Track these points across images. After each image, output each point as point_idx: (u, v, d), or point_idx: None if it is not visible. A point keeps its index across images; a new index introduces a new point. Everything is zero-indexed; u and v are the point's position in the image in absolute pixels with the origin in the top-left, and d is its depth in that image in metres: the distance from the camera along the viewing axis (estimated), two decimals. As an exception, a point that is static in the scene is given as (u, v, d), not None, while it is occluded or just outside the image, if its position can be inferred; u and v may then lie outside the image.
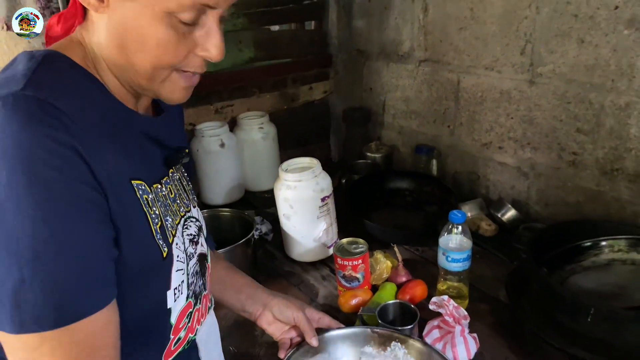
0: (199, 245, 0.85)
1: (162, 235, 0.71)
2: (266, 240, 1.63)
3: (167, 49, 0.64)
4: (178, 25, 0.63)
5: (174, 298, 0.74)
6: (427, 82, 1.87)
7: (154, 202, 0.71)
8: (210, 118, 1.92)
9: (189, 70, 0.68)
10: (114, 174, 0.62)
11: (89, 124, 0.60)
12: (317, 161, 1.49)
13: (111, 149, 0.63)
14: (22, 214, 0.53)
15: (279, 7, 2.03)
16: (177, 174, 0.83)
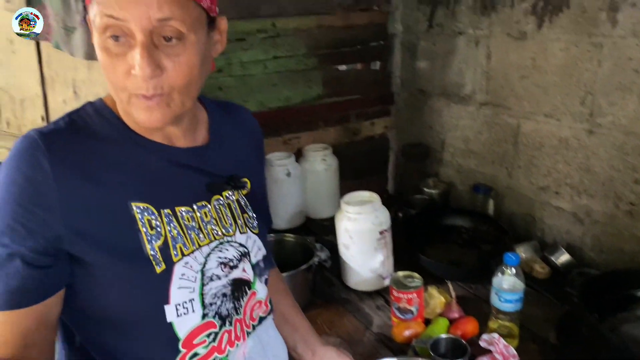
0: (236, 269, 0.89)
1: (163, 254, 0.78)
2: (325, 266, 1.72)
3: (108, 69, 0.73)
4: (111, 47, 0.71)
5: (177, 313, 0.80)
6: (487, 124, 1.94)
7: (161, 223, 0.79)
8: (279, 148, 2.06)
9: (137, 93, 0.73)
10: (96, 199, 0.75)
11: (74, 161, 0.74)
12: (377, 196, 1.59)
13: (102, 178, 0.75)
14: None
15: (347, 48, 2.16)
16: (229, 200, 0.91)
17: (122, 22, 0.69)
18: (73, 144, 0.76)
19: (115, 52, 0.71)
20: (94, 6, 0.70)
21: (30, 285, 0.72)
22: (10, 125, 1.88)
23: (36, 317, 0.73)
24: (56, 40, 1.46)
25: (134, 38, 0.70)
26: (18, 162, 0.72)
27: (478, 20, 1.89)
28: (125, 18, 0.68)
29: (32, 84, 1.72)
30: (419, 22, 2.16)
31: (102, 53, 0.72)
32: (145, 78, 0.70)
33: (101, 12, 0.69)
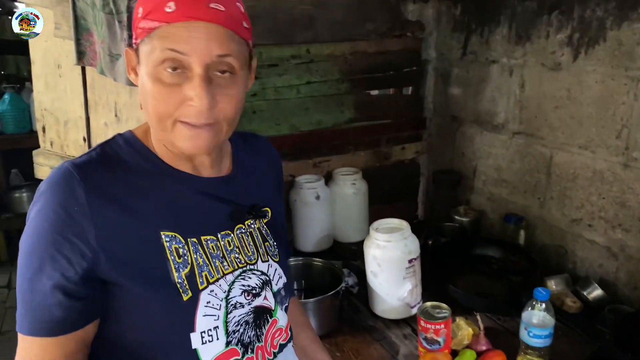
0: (259, 297, 0.90)
1: (189, 282, 0.81)
2: (352, 292, 1.73)
3: (158, 100, 0.77)
4: (166, 78, 0.76)
5: (202, 341, 0.82)
6: (519, 154, 1.93)
7: (187, 251, 0.82)
8: (309, 171, 2.08)
9: (187, 121, 0.77)
10: (127, 229, 0.78)
11: (108, 190, 0.78)
12: (407, 224, 1.59)
13: (134, 207, 0.79)
14: (24, 247, 0.77)
15: (380, 74, 2.19)
16: (250, 228, 0.94)
17: (184, 55, 0.74)
18: (106, 174, 0.80)
19: (169, 82, 0.76)
20: (153, 41, 0.76)
21: (72, 314, 0.76)
22: (53, 144, 1.96)
23: (77, 340, 0.78)
24: (101, 66, 1.53)
25: (191, 71, 0.75)
26: (54, 192, 0.76)
27: (512, 49, 1.89)
28: (188, 52, 0.74)
29: (76, 106, 1.80)
30: (453, 50, 2.17)
31: (154, 83, 0.77)
32: (202, 109, 0.76)
33: (162, 45, 0.74)
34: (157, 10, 0.75)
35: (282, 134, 2.00)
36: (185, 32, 0.74)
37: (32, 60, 1.87)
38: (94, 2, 1.44)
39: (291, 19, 1.92)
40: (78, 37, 1.56)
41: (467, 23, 2.09)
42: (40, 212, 0.77)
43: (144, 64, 0.78)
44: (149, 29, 0.76)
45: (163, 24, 0.74)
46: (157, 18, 0.75)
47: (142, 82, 0.80)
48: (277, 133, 1.98)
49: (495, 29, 1.96)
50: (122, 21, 1.43)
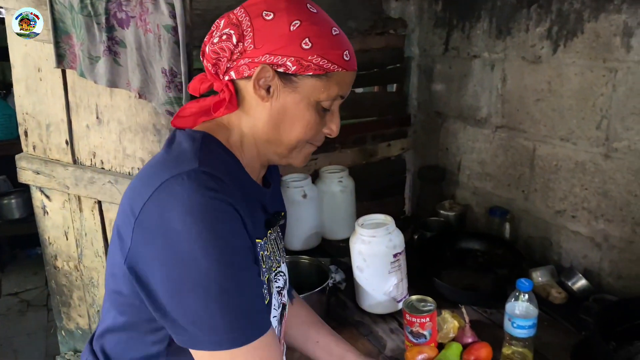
0: (282, 296, 1.00)
1: (267, 285, 0.88)
2: (339, 288, 1.73)
3: (312, 128, 0.86)
4: (320, 110, 0.86)
5: None
6: (502, 147, 1.94)
7: (261, 256, 0.88)
8: (296, 170, 2.08)
9: (316, 143, 0.91)
10: (249, 232, 0.80)
11: (236, 192, 0.78)
12: (391, 219, 1.59)
13: (247, 212, 0.80)
14: (209, 259, 0.71)
15: (364, 71, 2.19)
16: (273, 234, 0.99)
17: (342, 98, 0.89)
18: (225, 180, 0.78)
19: (322, 114, 0.87)
20: (330, 82, 0.84)
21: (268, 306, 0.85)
22: (36, 148, 1.95)
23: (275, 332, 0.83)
24: (81, 69, 1.53)
25: (332, 107, 0.88)
26: (209, 191, 0.74)
27: (493, 44, 1.91)
28: (345, 95, 0.89)
29: (57, 109, 1.80)
30: (435, 46, 2.19)
31: (312, 113, 0.86)
32: (334, 136, 0.92)
33: (339, 91, 0.86)
34: (336, 54, 0.83)
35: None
36: (349, 79, 0.87)
37: (12, 64, 1.86)
38: (72, 5, 1.44)
39: (273, 18, 1.92)
40: (57, 40, 1.55)
41: (448, 19, 2.11)
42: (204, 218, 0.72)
43: (302, 93, 0.84)
44: (327, 69, 0.82)
45: (342, 70, 0.84)
46: (338, 62, 0.83)
47: (288, 107, 0.84)
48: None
49: (476, 23, 1.98)
50: (101, 23, 1.43)
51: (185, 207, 0.72)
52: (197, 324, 0.73)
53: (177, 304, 0.74)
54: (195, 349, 0.75)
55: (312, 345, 1.16)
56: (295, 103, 0.84)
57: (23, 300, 3.48)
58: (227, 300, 0.73)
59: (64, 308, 2.28)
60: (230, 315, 0.73)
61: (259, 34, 0.81)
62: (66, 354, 2.37)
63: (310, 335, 1.17)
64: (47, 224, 2.09)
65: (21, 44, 1.79)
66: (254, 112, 0.86)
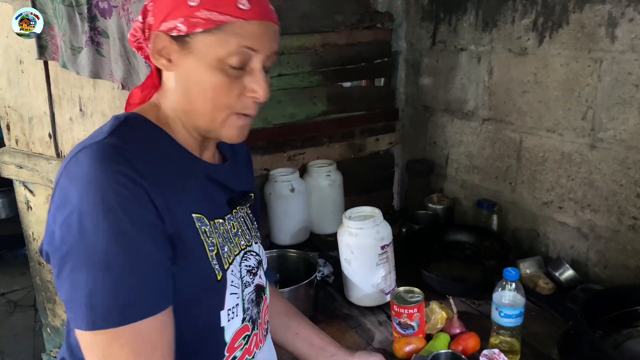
0: (256, 277, 0.96)
1: (218, 261, 0.84)
2: (328, 282, 1.72)
3: (221, 91, 0.79)
4: (228, 70, 0.78)
5: (228, 318, 0.86)
6: (490, 140, 1.94)
7: (212, 233, 0.85)
8: (283, 164, 2.08)
9: (244, 112, 0.82)
10: (173, 207, 0.77)
11: (152, 166, 0.75)
12: (379, 211, 1.59)
13: (173, 186, 0.79)
14: (98, 232, 0.68)
15: (352, 65, 2.19)
16: (241, 213, 0.98)
17: (255, 52, 0.79)
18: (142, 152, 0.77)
19: (232, 74, 0.79)
20: (225, 34, 0.77)
21: (165, 286, 0.75)
22: (19, 142, 1.92)
23: (171, 317, 0.76)
24: (63, 60, 1.50)
25: (251, 64, 0.80)
26: (112, 166, 0.71)
27: (480, 36, 1.91)
28: (259, 49, 0.79)
29: (40, 102, 1.77)
30: (422, 39, 2.18)
31: (215, 74, 0.78)
32: (263, 100, 0.81)
33: (238, 42, 0.77)
34: (228, 5, 0.77)
35: (255, 127, 1.98)
36: (261, 31, 0.79)
37: (-7, 57, 1.84)
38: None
39: (259, 11, 1.91)
40: (39, 31, 1.53)
41: (435, 12, 2.11)
42: (104, 191, 0.70)
43: (198, 54, 0.79)
44: (219, 21, 0.77)
45: (238, 20, 0.77)
46: (230, 13, 0.77)
47: (190, 73, 0.80)
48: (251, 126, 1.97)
49: (462, 16, 1.98)
50: (83, 13, 1.41)
51: (84, 179, 0.70)
52: (77, 300, 0.69)
53: (64, 278, 0.70)
54: (77, 328, 0.70)
55: (292, 337, 1.15)
56: (195, 66, 0.79)
57: (10, 300, 3.45)
58: (111, 276, 0.68)
59: (49, 304, 2.25)
60: (113, 293, 0.68)
61: (156, 5, 0.80)
62: (52, 351, 2.34)
63: (291, 326, 1.16)
64: (31, 219, 2.06)
65: (2, 35, 1.76)
66: (168, 85, 0.84)
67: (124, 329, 0.69)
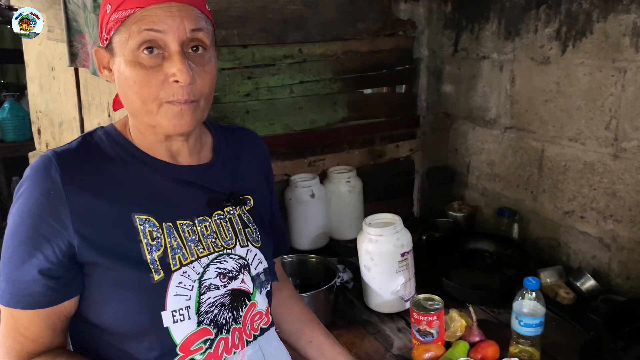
0: (235, 280, 0.93)
1: (162, 263, 0.85)
2: (347, 288, 1.74)
3: (142, 83, 0.81)
4: (145, 60, 0.80)
5: (173, 320, 0.85)
6: (511, 148, 1.94)
7: (161, 234, 0.87)
8: (304, 170, 2.09)
9: (172, 99, 0.82)
10: (103, 211, 0.83)
11: (84, 177, 0.83)
12: (399, 218, 1.60)
13: (108, 193, 0.84)
14: (8, 227, 0.83)
15: (373, 72, 2.20)
16: (227, 214, 0.97)
17: (161, 33, 0.79)
18: (83, 162, 0.85)
19: (149, 64, 0.80)
20: (128, 26, 0.80)
21: (49, 291, 0.81)
22: (49, 146, 1.98)
23: (56, 313, 0.84)
24: (93, 67, 1.55)
25: (168, 49, 0.80)
26: (35, 177, 0.82)
27: (502, 45, 1.91)
28: (165, 30, 0.79)
29: (70, 107, 1.82)
30: (444, 47, 2.19)
31: (134, 68, 0.81)
32: (185, 82, 0.80)
33: (139, 28, 0.79)
34: (129, 1, 0.80)
35: (276, 133, 2.02)
36: (160, 12, 0.79)
37: (26, 63, 1.89)
38: (85, 4, 1.46)
39: (282, 19, 1.94)
40: (70, 39, 1.58)
41: (457, 20, 2.11)
42: (23, 195, 0.82)
43: (119, 54, 0.83)
44: (122, 18, 0.81)
45: (137, 10, 0.79)
46: (130, 6, 0.80)
47: (119, 73, 0.84)
48: (271, 133, 2.00)
49: (484, 25, 1.98)
50: (113, 22, 1.45)
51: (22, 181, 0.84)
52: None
53: None
54: None
55: (305, 344, 1.13)
56: (119, 67, 0.83)
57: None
58: (5, 264, 0.81)
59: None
60: (4, 277, 0.81)
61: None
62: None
63: (304, 333, 1.14)
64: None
65: (35, 43, 1.82)
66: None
67: (5, 309, 0.83)
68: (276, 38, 1.95)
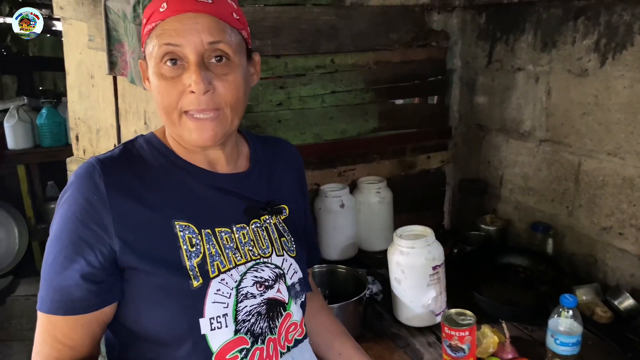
0: (271, 290, 0.93)
1: (200, 269, 0.86)
2: (376, 300, 1.72)
3: (164, 94, 0.84)
4: (166, 72, 0.83)
5: (211, 327, 0.85)
6: (546, 162, 1.90)
7: (201, 241, 0.87)
8: (334, 180, 2.09)
9: (189, 109, 0.84)
10: (144, 218, 0.84)
11: (126, 184, 0.85)
12: (431, 230, 1.58)
13: (150, 199, 0.85)
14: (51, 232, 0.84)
15: (405, 83, 2.19)
16: (263, 223, 0.97)
17: (179, 47, 0.82)
18: (125, 169, 0.87)
19: (170, 75, 0.83)
20: (152, 40, 0.84)
21: (90, 296, 0.82)
22: (86, 152, 2.02)
23: (95, 319, 0.85)
24: (131, 76, 1.58)
25: (187, 61, 0.82)
26: (79, 184, 0.84)
27: (538, 56, 1.88)
28: (182, 43, 0.81)
29: (107, 115, 1.86)
30: (478, 58, 2.17)
31: (158, 79, 0.84)
32: (200, 92, 0.81)
33: (160, 42, 0.82)
34: (155, 12, 0.84)
35: (307, 143, 2.02)
36: (177, 25, 0.82)
37: (67, 71, 1.94)
38: (125, 14, 1.50)
39: (315, 29, 1.95)
40: (110, 48, 1.62)
41: (492, 31, 2.09)
42: (67, 200, 0.84)
43: (150, 65, 0.86)
44: (148, 31, 0.85)
45: (158, 22, 0.83)
46: (154, 19, 0.84)
47: (152, 84, 0.87)
48: (302, 142, 2.00)
49: (520, 36, 1.95)
50: (152, 32, 1.48)
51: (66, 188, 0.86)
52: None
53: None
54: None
55: (334, 356, 1.13)
56: (151, 78, 0.86)
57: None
58: (46, 270, 0.83)
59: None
60: (45, 284, 0.83)
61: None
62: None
63: (334, 345, 1.14)
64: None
65: (76, 51, 1.87)
66: None
67: (42, 315, 0.83)
68: (309, 48, 1.96)
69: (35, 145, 3.74)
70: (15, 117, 3.60)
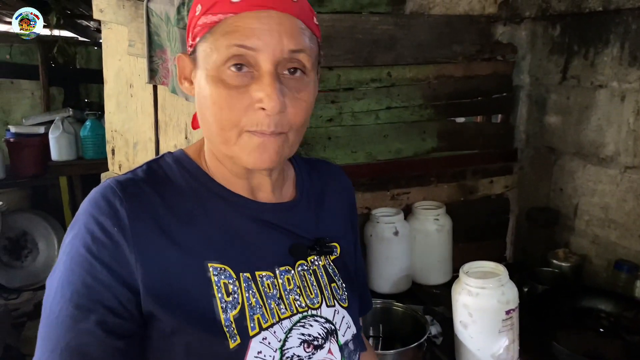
0: (321, 350, 0.76)
1: (238, 325, 0.68)
2: (435, 343, 1.52)
3: (223, 105, 0.66)
4: (230, 79, 0.66)
5: None
6: (633, 191, 1.67)
7: (239, 288, 0.70)
8: (386, 204, 1.92)
9: (255, 130, 0.67)
10: (172, 257, 0.67)
11: (151, 213, 0.68)
12: (504, 268, 1.38)
13: (179, 234, 0.67)
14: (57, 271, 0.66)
15: (467, 100, 2.00)
16: (310, 265, 0.80)
17: (253, 51, 0.65)
18: (150, 194, 0.70)
19: (234, 83, 0.66)
20: (215, 37, 0.66)
21: (109, 356, 0.62)
22: (122, 167, 1.91)
23: None
24: (173, 85, 1.46)
25: (258, 69, 0.66)
26: (96, 211, 0.67)
27: (625, 72, 1.66)
28: (258, 47, 0.65)
29: (146, 127, 1.75)
30: (550, 74, 1.96)
31: (216, 86, 0.66)
32: (273, 111, 0.65)
33: (228, 42, 0.65)
34: (221, 2, 0.65)
35: (358, 162, 1.86)
36: (255, 24, 0.65)
37: (105, 80, 1.84)
38: (168, 17, 1.38)
39: (371, 39, 1.79)
40: (151, 54, 1.50)
41: (567, 44, 1.88)
42: (77, 235, 0.66)
43: (202, 66, 0.68)
44: (210, 23, 0.66)
45: (228, 16, 0.65)
46: (221, 10, 0.65)
47: (199, 89, 0.69)
48: (353, 161, 1.85)
49: (603, 49, 1.74)
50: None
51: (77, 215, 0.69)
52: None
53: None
54: None
55: None
56: (200, 81, 0.69)
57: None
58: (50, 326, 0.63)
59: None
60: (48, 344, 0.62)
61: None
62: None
63: None
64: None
65: (115, 58, 1.77)
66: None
67: None
68: (364, 60, 1.80)
69: (78, 157, 3.76)
70: (60, 129, 3.63)
